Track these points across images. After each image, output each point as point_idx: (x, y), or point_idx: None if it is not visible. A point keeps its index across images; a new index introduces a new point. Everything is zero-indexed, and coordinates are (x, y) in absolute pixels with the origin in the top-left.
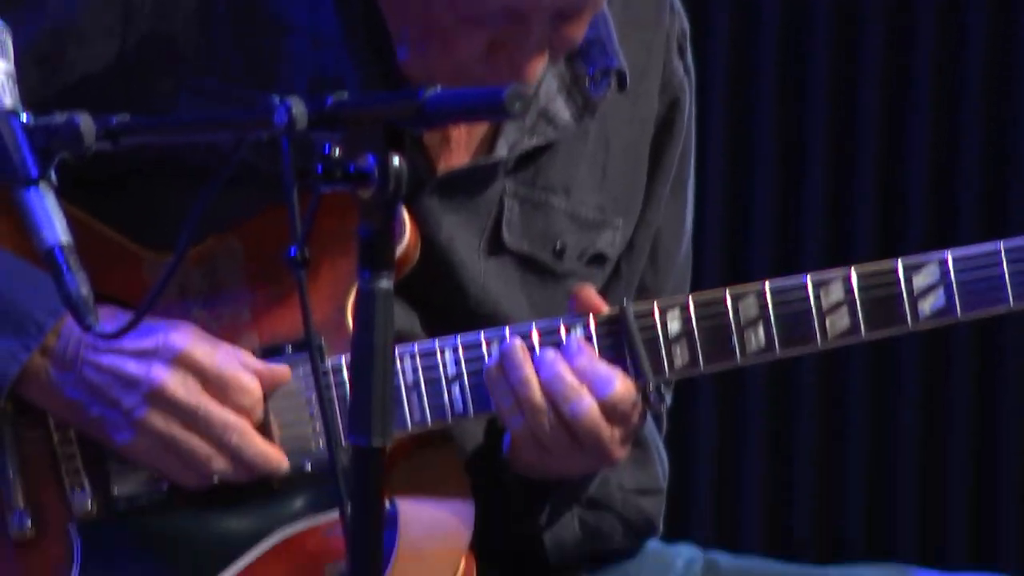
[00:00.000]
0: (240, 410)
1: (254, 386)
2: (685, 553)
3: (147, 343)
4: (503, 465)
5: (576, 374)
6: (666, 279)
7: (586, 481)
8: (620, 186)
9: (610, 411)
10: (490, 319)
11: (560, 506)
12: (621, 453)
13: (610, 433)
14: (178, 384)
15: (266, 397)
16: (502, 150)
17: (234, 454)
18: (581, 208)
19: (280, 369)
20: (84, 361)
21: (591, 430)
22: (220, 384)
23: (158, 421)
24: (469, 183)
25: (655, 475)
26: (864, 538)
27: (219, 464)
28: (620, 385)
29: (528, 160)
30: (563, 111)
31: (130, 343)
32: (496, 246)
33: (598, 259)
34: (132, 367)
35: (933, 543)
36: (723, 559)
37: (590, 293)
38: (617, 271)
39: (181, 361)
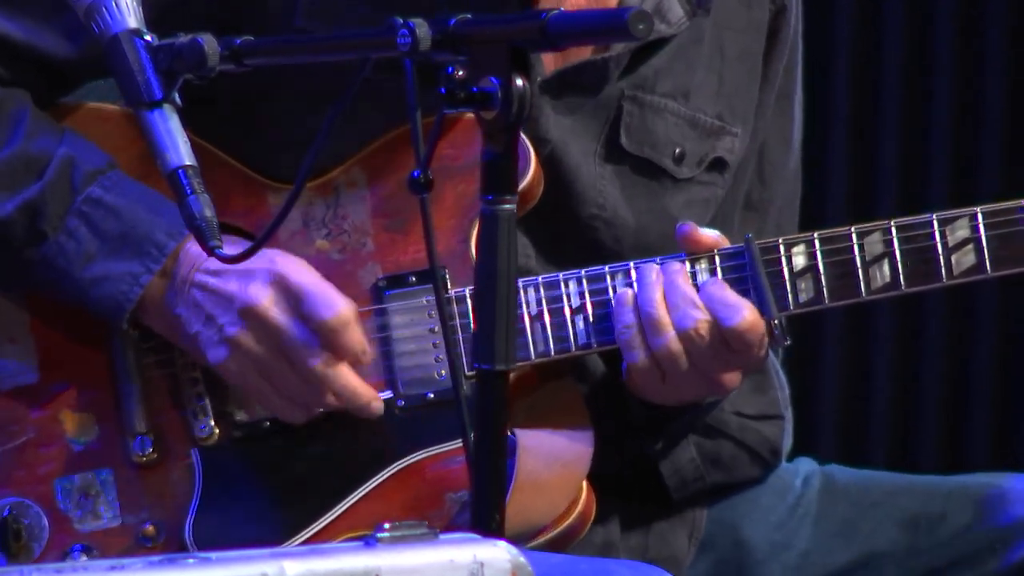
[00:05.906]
0: (332, 331)
1: (345, 305)
2: (803, 470)
3: (251, 265)
4: (621, 391)
5: (703, 299)
6: (774, 194)
7: (702, 410)
8: (737, 94)
9: (736, 340)
10: (608, 225)
11: (675, 433)
12: (735, 382)
13: (726, 360)
14: (271, 302)
15: (387, 327)
16: (614, 47)
17: (322, 385)
18: (700, 114)
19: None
20: (192, 283)
21: (703, 351)
22: (311, 301)
23: (249, 340)
24: (580, 82)
25: (775, 400)
26: (988, 458)
27: (309, 395)
28: (749, 315)
29: (640, 60)
30: (675, 7)
31: (237, 267)
32: (614, 151)
33: (717, 164)
34: (232, 285)
35: None
36: (839, 472)
37: (695, 230)
38: None
39: (278, 281)
